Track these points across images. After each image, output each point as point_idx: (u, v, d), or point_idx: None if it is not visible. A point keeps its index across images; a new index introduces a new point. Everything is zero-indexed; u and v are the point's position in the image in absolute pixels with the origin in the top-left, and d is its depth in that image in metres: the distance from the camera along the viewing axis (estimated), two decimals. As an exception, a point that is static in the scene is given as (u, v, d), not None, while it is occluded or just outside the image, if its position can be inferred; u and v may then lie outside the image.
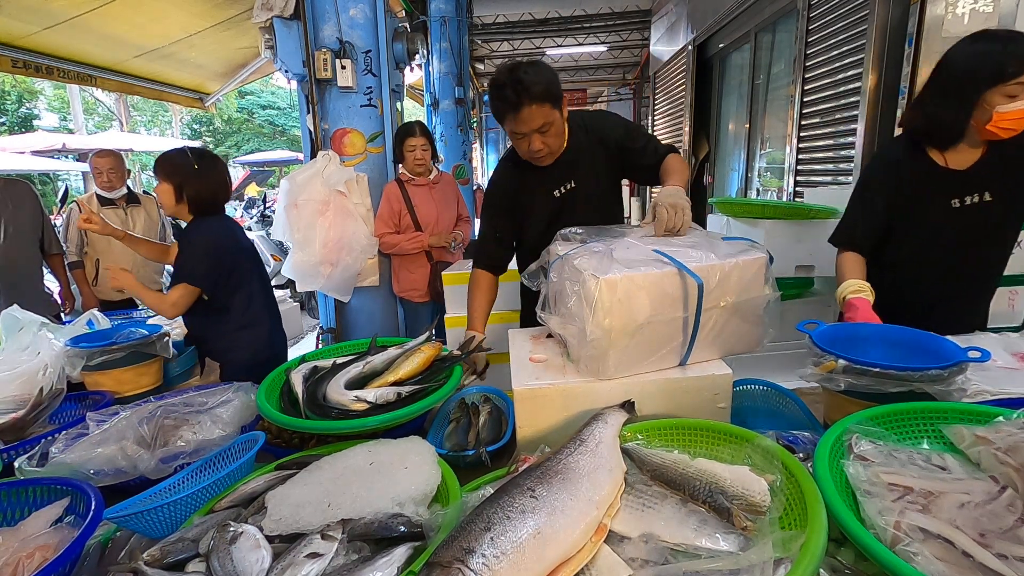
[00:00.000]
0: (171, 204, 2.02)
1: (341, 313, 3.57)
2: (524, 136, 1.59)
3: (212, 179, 2.05)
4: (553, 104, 1.56)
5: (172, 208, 2.04)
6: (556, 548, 0.71)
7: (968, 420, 0.92)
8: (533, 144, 1.60)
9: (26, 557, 0.87)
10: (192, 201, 2.02)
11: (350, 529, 0.83)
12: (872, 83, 3.16)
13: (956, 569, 0.65)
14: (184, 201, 2.01)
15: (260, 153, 18.56)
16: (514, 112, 1.54)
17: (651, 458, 0.92)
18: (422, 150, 3.01)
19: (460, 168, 7.00)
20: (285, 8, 3.08)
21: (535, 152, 1.63)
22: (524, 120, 1.55)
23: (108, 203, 3.43)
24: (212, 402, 1.38)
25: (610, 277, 1.08)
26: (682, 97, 7.05)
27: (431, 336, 1.54)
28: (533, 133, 1.58)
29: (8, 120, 17.09)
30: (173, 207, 2.03)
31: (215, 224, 2.06)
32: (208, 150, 2.16)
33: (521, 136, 1.59)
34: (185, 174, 1.99)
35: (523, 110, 1.53)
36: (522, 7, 9.92)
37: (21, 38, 3.94)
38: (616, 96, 15.53)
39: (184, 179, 1.99)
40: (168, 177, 2.00)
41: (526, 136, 1.59)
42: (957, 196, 1.52)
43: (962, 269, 1.62)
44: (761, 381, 1.42)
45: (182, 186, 1.99)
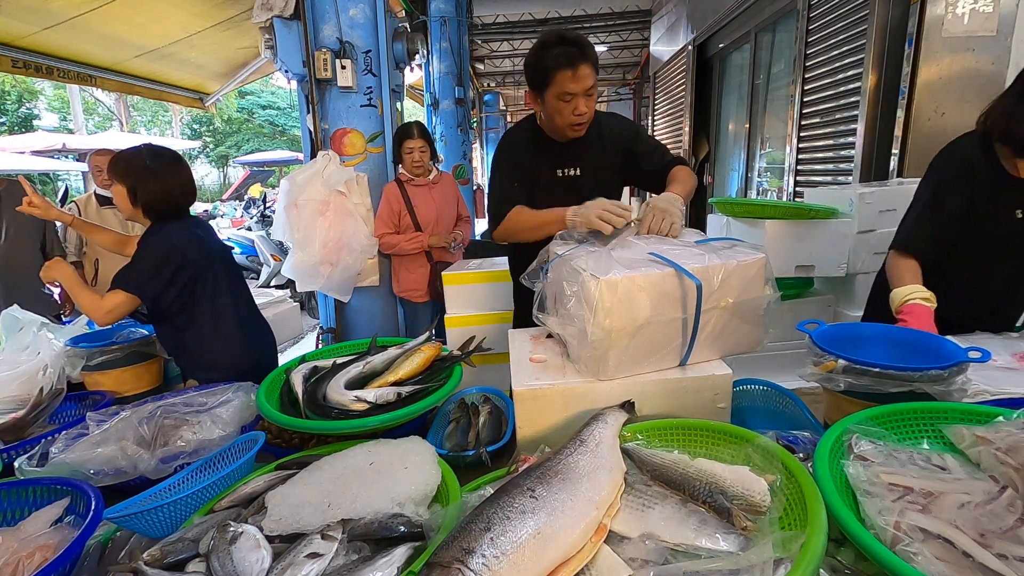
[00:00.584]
0: (128, 207, 1.83)
1: (341, 313, 3.57)
2: (573, 97, 1.58)
3: (167, 180, 1.82)
4: (596, 72, 1.59)
5: (129, 212, 1.84)
6: (556, 548, 0.71)
7: (968, 420, 0.92)
8: (580, 106, 1.59)
9: (26, 557, 0.87)
10: (146, 204, 1.81)
11: (350, 529, 0.83)
12: (872, 83, 3.16)
13: (956, 569, 0.65)
14: (139, 205, 1.81)
15: (260, 153, 18.58)
16: (572, 68, 1.53)
17: (651, 458, 0.92)
18: (420, 152, 3.01)
19: (460, 168, 7.01)
20: (285, 8, 3.08)
21: (579, 116, 1.62)
22: (581, 77, 1.55)
23: (107, 203, 3.43)
24: (212, 402, 1.38)
25: (610, 278, 1.08)
26: (682, 97, 7.05)
27: (431, 336, 1.54)
28: (582, 95, 1.58)
29: (8, 120, 17.10)
30: (130, 211, 1.83)
31: (174, 231, 1.83)
32: (167, 149, 1.89)
33: (570, 97, 1.58)
34: (138, 174, 1.78)
35: (581, 67, 1.54)
36: (522, 7, 9.92)
37: (21, 38, 3.94)
38: (616, 96, 15.53)
39: (137, 180, 1.78)
40: (121, 178, 1.80)
41: (575, 97, 1.58)
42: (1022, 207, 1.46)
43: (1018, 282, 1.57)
44: (761, 381, 1.42)
45: (135, 188, 1.79)
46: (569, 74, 1.55)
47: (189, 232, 1.87)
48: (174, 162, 1.86)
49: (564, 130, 1.68)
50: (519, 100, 16.18)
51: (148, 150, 1.85)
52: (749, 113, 5.30)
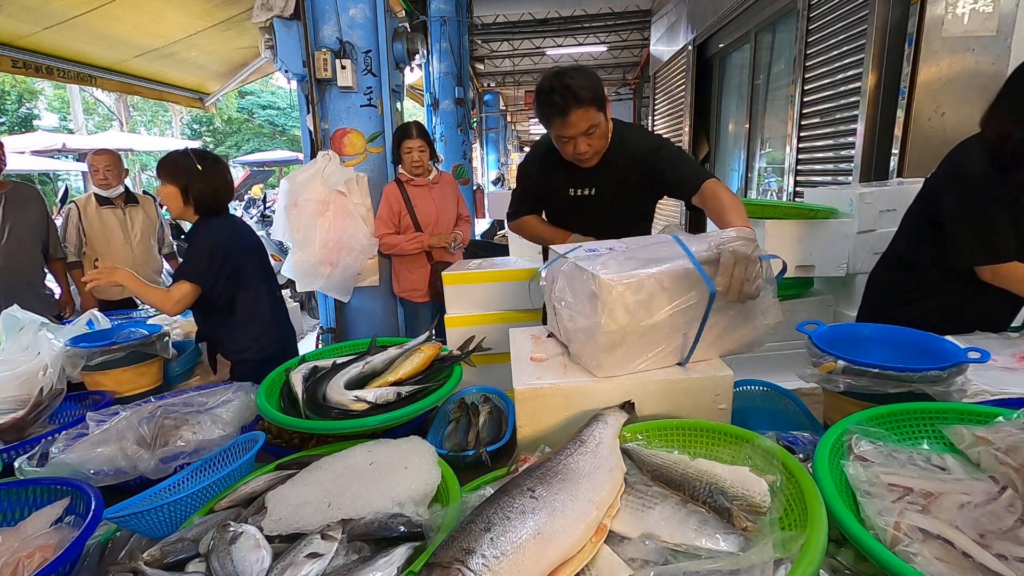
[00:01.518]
0: (178, 207, 2.02)
1: (341, 313, 3.57)
2: (570, 139, 1.63)
3: (216, 179, 2.05)
4: (598, 107, 1.60)
5: (179, 210, 2.03)
6: (556, 548, 0.71)
7: (968, 420, 0.92)
8: (579, 147, 1.64)
9: (26, 557, 0.87)
10: (197, 202, 2.02)
11: (350, 529, 0.83)
12: (872, 83, 3.16)
13: (956, 569, 0.65)
14: (191, 203, 2.01)
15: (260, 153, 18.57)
16: (562, 117, 1.58)
17: (651, 458, 0.92)
18: (419, 152, 3.00)
19: (460, 168, 7.01)
20: (285, 8, 3.08)
21: (581, 154, 1.66)
22: (572, 124, 1.58)
23: (106, 203, 3.43)
24: (212, 402, 1.38)
25: (613, 277, 1.08)
26: (682, 97, 7.05)
27: (431, 336, 1.54)
28: (579, 136, 1.62)
29: (8, 120, 17.10)
30: (180, 209, 2.03)
31: (219, 224, 2.06)
32: (209, 151, 2.18)
33: (567, 140, 1.63)
34: (189, 175, 1.99)
35: (571, 115, 1.57)
36: (522, 7, 9.92)
37: (21, 38, 3.94)
38: (616, 96, 15.52)
39: (189, 180, 1.99)
40: (173, 179, 2.00)
41: (572, 139, 1.63)
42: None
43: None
44: (761, 381, 1.42)
45: (187, 188, 1.99)
46: (560, 122, 1.59)
47: (230, 227, 2.11)
48: (217, 162, 2.11)
49: (573, 162, 1.73)
50: (519, 100, 16.17)
51: (195, 153, 2.07)
52: (749, 113, 5.30)
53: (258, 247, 2.21)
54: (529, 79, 15.10)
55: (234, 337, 2.12)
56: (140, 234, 3.54)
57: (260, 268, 2.19)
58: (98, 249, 3.42)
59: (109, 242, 3.44)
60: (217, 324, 2.12)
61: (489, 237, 7.01)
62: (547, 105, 1.59)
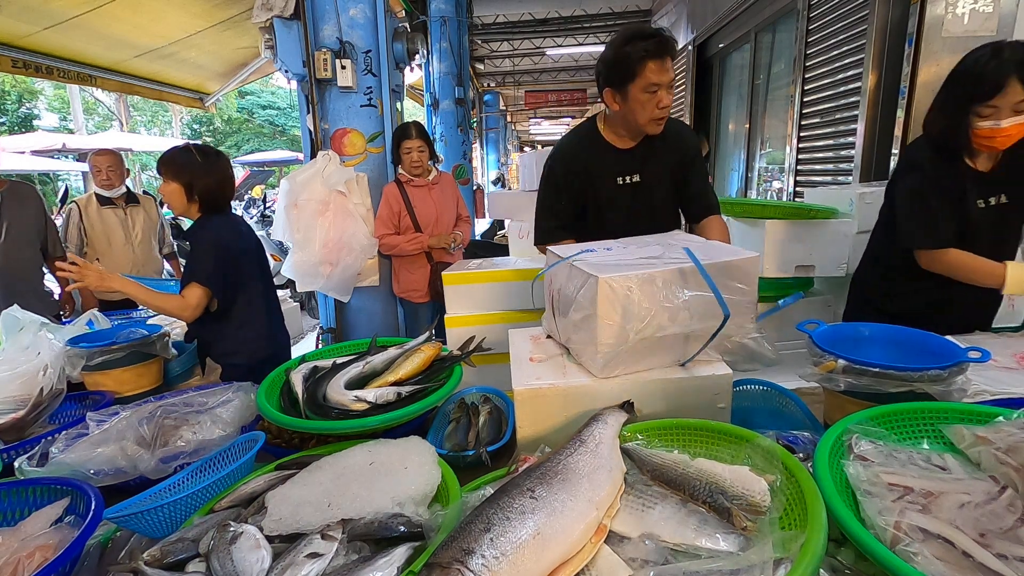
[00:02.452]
0: (181, 204, 1.97)
1: (341, 313, 3.57)
2: (658, 89, 1.59)
3: (218, 174, 2.00)
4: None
5: (182, 208, 1.98)
6: (556, 549, 0.71)
7: (968, 420, 0.92)
8: (664, 99, 1.61)
9: (26, 557, 0.87)
10: (201, 198, 1.97)
11: (350, 529, 0.83)
12: (872, 83, 3.16)
13: (956, 569, 0.65)
14: (194, 200, 1.96)
15: (260, 153, 18.57)
16: (661, 58, 1.56)
17: (651, 458, 0.92)
18: (418, 152, 3.00)
19: (460, 168, 7.01)
20: (285, 8, 3.08)
21: (663, 109, 1.63)
22: (668, 69, 1.58)
23: (107, 203, 3.43)
24: (212, 402, 1.38)
25: (612, 277, 1.08)
26: (682, 97, 7.05)
27: (431, 336, 1.54)
28: (666, 87, 1.60)
29: (8, 120, 17.10)
30: (183, 207, 1.98)
31: (221, 223, 2.01)
32: (209, 145, 2.11)
33: (656, 88, 1.59)
34: (192, 171, 1.94)
35: (667, 58, 1.57)
36: (522, 7, 9.92)
37: (21, 38, 3.94)
38: (616, 96, 15.49)
39: (192, 176, 1.94)
40: (175, 176, 1.94)
41: (660, 89, 1.59)
42: (982, 197, 1.56)
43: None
44: (761, 381, 1.42)
45: (191, 184, 1.94)
46: (657, 64, 1.56)
47: (232, 226, 2.06)
48: (219, 156, 2.06)
49: (645, 126, 1.67)
50: (519, 100, 16.16)
51: (196, 148, 2.01)
52: (749, 113, 5.30)
53: (257, 249, 2.16)
54: (529, 79, 15.11)
55: (225, 340, 2.05)
56: (141, 234, 3.54)
57: (258, 271, 2.14)
58: (99, 249, 3.42)
59: (110, 242, 3.44)
60: (208, 325, 2.04)
61: (489, 237, 7.01)
62: (646, 47, 1.55)
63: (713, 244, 1.32)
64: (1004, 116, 1.41)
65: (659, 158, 1.78)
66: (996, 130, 1.42)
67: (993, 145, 1.47)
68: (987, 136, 1.44)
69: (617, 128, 1.76)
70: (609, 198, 1.79)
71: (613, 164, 1.78)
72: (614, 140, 1.78)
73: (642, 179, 1.78)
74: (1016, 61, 1.38)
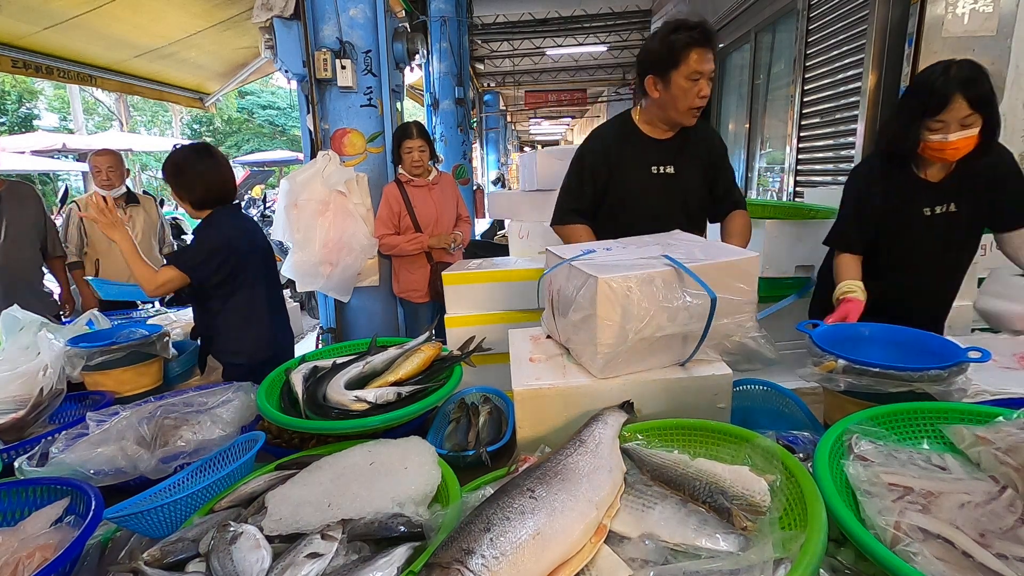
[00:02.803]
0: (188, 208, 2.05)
1: (341, 313, 3.57)
2: (700, 78, 1.63)
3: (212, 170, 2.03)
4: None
5: (190, 211, 2.05)
6: (556, 549, 0.71)
7: (968, 420, 0.92)
8: (704, 88, 1.65)
9: (26, 557, 0.86)
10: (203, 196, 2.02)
11: (350, 529, 0.83)
12: (872, 83, 3.16)
13: (956, 569, 0.65)
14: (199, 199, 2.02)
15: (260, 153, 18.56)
16: (705, 48, 1.61)
17: (651, 458, 0.92)
18: (419, 152, 3.00)
19: (460, 168, 7.01)
20: (285, 8, 3.08)
21: (702, 99, 1.67)
22: (710, 59, 1.62)
23: (108, 203, 3.42)
24: (212, 402, 1.38)
25: (611, 277, 1.08)
26: (682, 97, 7.04)
27: (431, 336, 1.54)
28: (708, 77, 1.64)
29: (8, 120, 17.09)
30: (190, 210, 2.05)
31: (223, 220, 2.04)
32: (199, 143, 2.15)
33: (698, 77, 1.63)
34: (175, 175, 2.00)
35: (710, 49, 1.62)
36: (522, 7, 9.93)
37: (21, 38, 3.94)
38: (616, 96, 15.53)
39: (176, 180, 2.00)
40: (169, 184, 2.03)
41: (702, 78, 1.63)
42: (929, 205, 1.65)
43: (935, 272, 1.75)
44: (761, 381, 1.42)
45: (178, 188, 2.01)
46: (701, 53, 1.61)
47: (236, 223, 2.10)
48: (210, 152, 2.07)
49: (683, 114, 1.71)
50: (519, 100, 16.17)
51: (181, 150, 2.06)
52: (749, 113, 5.31)
53: (265, 249, 2.20)
54: (529, 79, 15.12)
55: (226, 338, 2.09)
56: (141, 234, 3.54)
57: (263, 271, 2.16)
58: (99, 249, 3.42)
59: (111, 242, 3.43)
60: (211, 323, 2.09)
61: (489, 237, 7.01)
62: (690, 36, 1.60)
63: (713, 244, 1.32)
64: (952, 130, 1.49)
65: (693, 151, 1.83)
66: (945, 143, 1.50)
67: (944, 157, 1.55)
68: (937, 148, 1.52)
69: (653, 118, 1.80)
70: (642, 187, 1.82)
71: (648, 153, 1.81)
72: (649, 131, 1.82)
73: (676, 170, 1.81)
74: (961, 79, 1.45)
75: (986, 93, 1.47)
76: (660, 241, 1.39)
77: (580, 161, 1.88)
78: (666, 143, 1.81)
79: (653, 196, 1.82)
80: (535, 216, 2.68)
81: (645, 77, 1.72)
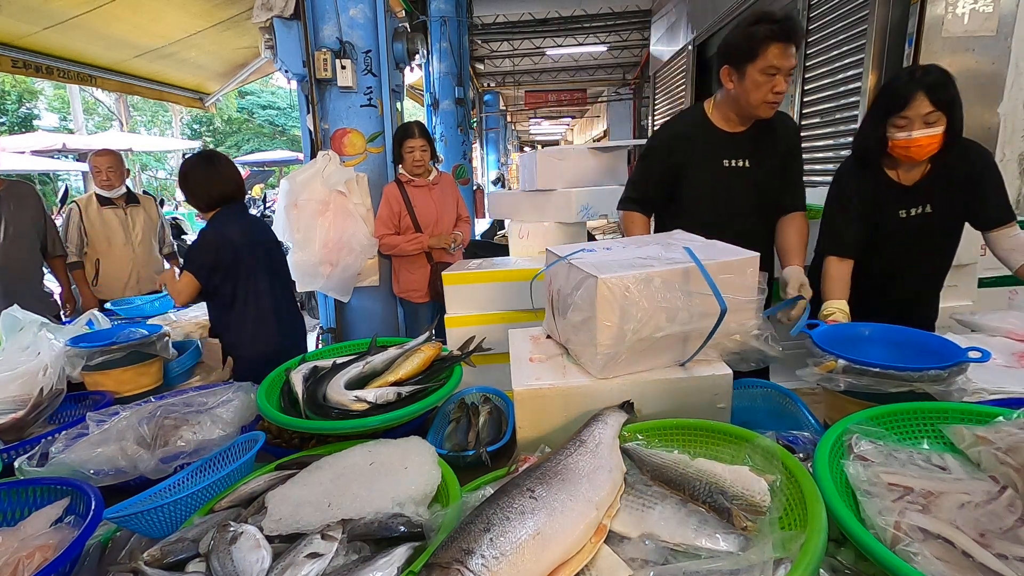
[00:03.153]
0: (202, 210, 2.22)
1: (341, 313, 3.57)
2: (777, 73, 1.59)
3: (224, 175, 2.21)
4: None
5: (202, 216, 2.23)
6: (556, 549, 0.71)
7: (968, 420, 0.92)
8: (780, 84, 1.60)
9: (26, 557, 0.87)
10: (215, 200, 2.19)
11: (350, 529, 0.83)
12: (872, 83, 3.16)
13: (956, 569, 0.65)
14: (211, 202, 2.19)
15: (260, 153, 18.58)
16: (786, 42, 1.56)
17: (651, 458, 0.92)
18: (421, 151, 3.00)
19: (460, 168, 7.02)
20: (285, 8, 3.08)
21: (777, 95, 1.63)
22: (790, 55, 1.58)
23: (107, 203, 3.43)
24: (212, 402, 1.38)
25: (611, 277, 1.08)
26: (682, 97, 7.05)
27: (431, 336, 1.54)
28: (785, 73, 1.60)
29: (8, 120, 17.10)
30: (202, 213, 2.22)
31: (229, 218, 2.19)
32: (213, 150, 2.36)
33: (775, 72, 1.59)
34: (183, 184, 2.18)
35: (791, 45, 1.57)
36: (522, 7, 9.93)
37: (21, 38, 3.94)
38: (616, 96, 15.53)
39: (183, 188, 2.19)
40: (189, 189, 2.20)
41: (778, 74, 1.59)
42: (904, 207, 1.69)
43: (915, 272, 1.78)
44: (761, 381, 1.42)
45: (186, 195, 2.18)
46: (781, 48, 1.56)
47: (237, 221, 2.22)
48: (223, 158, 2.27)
49: (757, 108, 1.67)
50: (519, 100, 16.18)
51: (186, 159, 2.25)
52: (749, 113, 5.29)
53: (269, 244, 2.31)
54: (529, 79, 15.12)
55: (234, 332, 2.19)
56: (141, 234, 3.54)
57: (267, 265, 2.26)
58: (99, 249, 3.42)
59: (111, 242, 3.44)
60: (221, 319, 2.22)
61: (489, 237, 7.01)
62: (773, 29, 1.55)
63: (713, 244, 1.32)
64: (916, 127, 1.53)
65: (770, 145, 1.79)
66: (910, 140, 1.54)
67: (910, 155, 1.58)
68: (903, 146, 1.56)
69: (727, 111, 1.76)
70: (713, 180, 1.79)
71: (721, 146, 1.77)
72: (723, 124, 1.78)
73: (751, 164, 1.78)
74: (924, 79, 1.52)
75: (949, 93, 1.52)
76: (660, 241, 1.39)
77: (649, 151, 1.88)
78: (739, 136, 1.77)
79: (723, 190, 1.79)
80: (535, 216, 2.68)
81: (721, 67, 1.69)
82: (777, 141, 1.80)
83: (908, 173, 1.68)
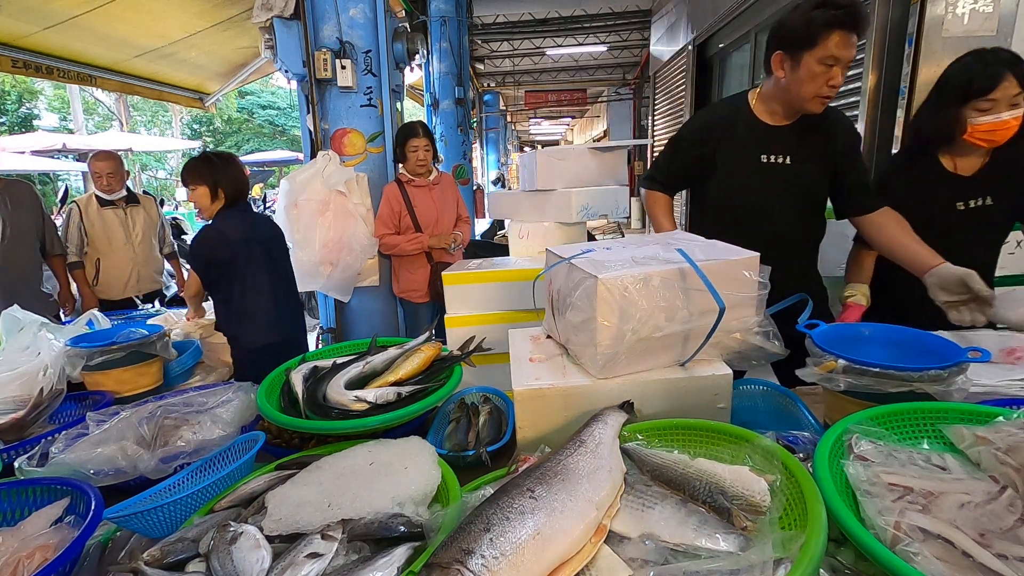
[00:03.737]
0: (207, 205, 2.25)
1: (341, 313, 3.57)
2: (835, 64, 1.48)
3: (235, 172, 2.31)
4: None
5: (209, 209, 2.26)
6: (556, 549, 0.71)
7: (968, 420, 0.92)
8: (837, 77, 1.49)
9: (26, 557, 0.86)
10: (227, 196, 2.26)
11: (350, 529, 0.83)
12: (872, 83, 3.16)
13: (956, 569, 0.65)
14: (219, 198, 2.25)
15: (260, 153, 18.58)
16: (847, 31, 1.44)
17: (651, 458, 0.92)
18: (424, 151, 3.00)
19: (460, 168, 7.02)
20: (285, 8, 3.08)
21: (832, 88, 1.51)
22: (852, 44, 1.46)
23: (107, 203, 3.43)
24: (212, 402, 1.38)
25: (611, 277, 1.08)
26: (682, 97, 7.05)
27: (431, 336, 1.54)
28: (843, 65, 1.48)
29: (8, 120, 17.10)
30: (209, 207, 2.26)
31: (225, 216, 2.26)
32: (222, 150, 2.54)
33: (833, 63, 1.47)
34: (217, 173, 2.24)
35: (854, 35, 1.46)
36: (522, 7, 9.93)
37: (21, 38, 3.94)
38: (616, 96, 15.54)
39: (217, 178, 2.24)
40: (202, 179, 2.23)
41: (836, 65, 1.48)
42: (962, 199, 1.62)
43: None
44: (761, 381, 1.42)
45: (217, 185, 2.24)
46: (843, 37, 1.44)
47: (237, 217, 2.29)
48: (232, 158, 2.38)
49: (808, 102, 1.55)
50: (519, 100, 16.18)
51: (213, 153, 2.32)
52: (749, 113, 5.29)
53: (268, 239, 2.37)
54: (529, 79, 15.13)
55: (234, 325, 2.26)
56: (142, 234, 3.54)
57: (266, 261, 2.32)
58: (100, 249, 3.42)
59: (111, 242, 3.44)
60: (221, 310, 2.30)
61: (489, 237, 7.02)
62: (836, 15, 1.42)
63: (713, 244, 1.32)
64: (1003, 109, 1.47)
65: (816, 143, 1.66)
66: (998, 123, 1.47)
67: (994, 139, 1.51)
68: (987, 130, 1.49)
69: (772, 103, 1.66)
70: (747, 175, 1.69)
71: (759, 140, 1.67)
72: (765, 116, 1.68)
73: (793, 161, 1.66)
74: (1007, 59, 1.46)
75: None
76: (660, 241, 1.39)
77: (680, 135, 1.81)
78: (782, 130, 1.66)
79: (759, 186, 1.68)
80: (535, 216, 2.68)
81: (773, 53, 1.56)
82: (827, 139, 1.67)
83: (966, 162, 1.59)
